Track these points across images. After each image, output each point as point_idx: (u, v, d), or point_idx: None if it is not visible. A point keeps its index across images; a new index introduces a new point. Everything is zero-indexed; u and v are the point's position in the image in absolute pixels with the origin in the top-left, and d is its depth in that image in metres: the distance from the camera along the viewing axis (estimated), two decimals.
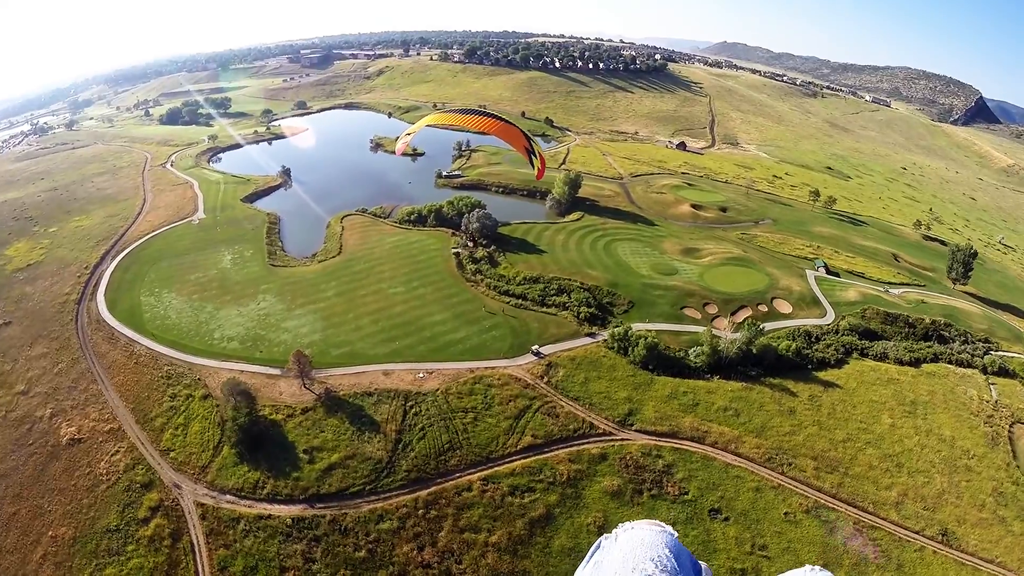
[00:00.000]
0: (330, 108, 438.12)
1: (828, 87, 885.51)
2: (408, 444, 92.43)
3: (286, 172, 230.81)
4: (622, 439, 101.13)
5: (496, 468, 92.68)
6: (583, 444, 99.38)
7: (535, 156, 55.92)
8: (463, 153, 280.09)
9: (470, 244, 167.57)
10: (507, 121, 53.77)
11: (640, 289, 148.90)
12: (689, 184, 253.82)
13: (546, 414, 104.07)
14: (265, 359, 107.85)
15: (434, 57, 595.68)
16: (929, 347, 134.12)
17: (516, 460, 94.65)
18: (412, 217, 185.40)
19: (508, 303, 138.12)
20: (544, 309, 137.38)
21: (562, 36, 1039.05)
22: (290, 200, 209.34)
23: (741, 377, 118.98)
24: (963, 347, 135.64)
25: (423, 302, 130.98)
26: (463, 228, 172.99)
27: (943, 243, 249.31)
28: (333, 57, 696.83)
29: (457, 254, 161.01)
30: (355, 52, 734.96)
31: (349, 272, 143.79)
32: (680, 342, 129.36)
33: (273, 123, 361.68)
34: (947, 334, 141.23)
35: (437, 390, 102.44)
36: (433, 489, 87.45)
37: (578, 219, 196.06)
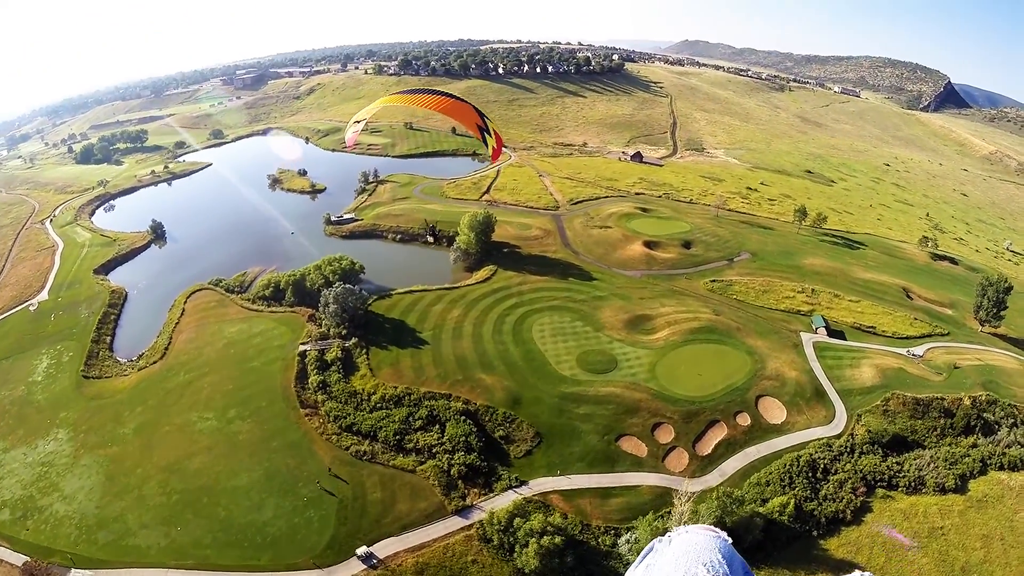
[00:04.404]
0: (247, 136, 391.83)
1: (795, 80, 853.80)
2: None
3: (157, 228, 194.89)
4: None
5: None
6: None
7: (488, 134, 55.39)
8: (367, 186, 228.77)
9: (327, 335, 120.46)
10: (457, 98, 56.51)
11: (555, 407, 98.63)
12: (643, 210, 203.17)
13: None
14: (30, 543, 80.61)
15: (369, 71, 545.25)
16: (974, 447, 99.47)
17: None
18: (268, 292, 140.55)
19: (349, 448, 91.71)
20: (398, 460, 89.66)
21: (518, 41, 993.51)
22: (153, 266, 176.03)
23: None
24: (1012, 434, 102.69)
25: (232, 448, 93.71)
26: (321, 309, 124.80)
27: (954, 261, 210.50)
28: (268, 76, 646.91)
29: (303, 355, 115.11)
30: (291, 70, 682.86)
31: (163, 389, 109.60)
32: (608, 513, 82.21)
33: (178, 159, 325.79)
34: (991, 416, 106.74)
35: None
36: None
37: (487, 278, 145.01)
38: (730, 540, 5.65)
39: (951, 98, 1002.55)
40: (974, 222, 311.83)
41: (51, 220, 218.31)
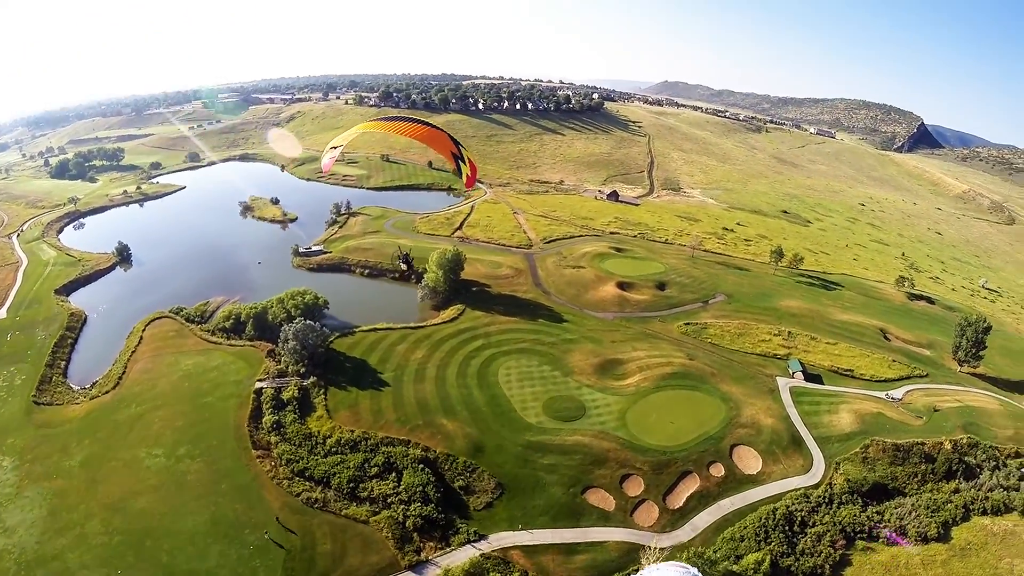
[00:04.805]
0: (224, 160, 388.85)
1: (771, 121, 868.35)
2: None
3: (123, 250, 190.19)
4: None
5: None
6: None
7: (463, 161, 56.68)
8: (339, 218, 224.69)
9: (286, 372, 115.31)
10: (433, 126, 57.80)
11: (519, 456, 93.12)
12: (618, 250, 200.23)
13: None
14: None
15: (349, 101, 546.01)
16: (956, 492, 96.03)
17: None
18: (229, 324, 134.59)
19: (300, 495, 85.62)
20: (351, 509, 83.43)
21: (500, 78, 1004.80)
22: (115, 289, 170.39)
23: None
24: (994, 477, 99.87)
25: (179, 488, 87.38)
26: (280, 345, 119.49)
27: (931, 301, 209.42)
28: (250, 101, 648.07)
29: (259, 392, 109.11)
30: (272, 97, 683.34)
31: (113, 421, 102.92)
32: (572, 571, 76.41)
33: (152, 180, 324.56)
34: (973, 459, 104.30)
35: None
36: None
37: (454, 318, 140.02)
38: None
39: (924, 139, 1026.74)
40: (949, 260, 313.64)
41: (18, 235, 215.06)
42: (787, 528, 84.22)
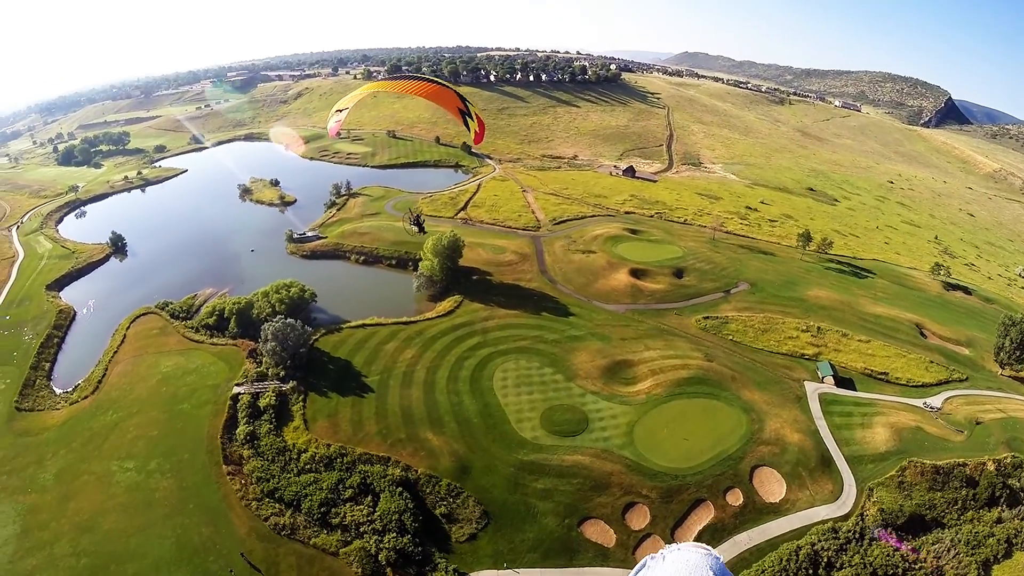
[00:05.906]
0: (229, 141, 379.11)
1: (795, 93, 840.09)
2: None
3: (117, 241, 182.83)
4: None
5: None
6: None
7: (471, 118, 55.35)
8: (338, 200, 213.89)
9: (265, 375, 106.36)
10: (440, 84, 57.49)
11: (510, 478, 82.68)
12: (632, 232, 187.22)
13: None
14: None
15: (358, 76, 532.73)
16: (998, 522, 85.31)
17: None
18: (212, 320, 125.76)
19: (268, 519, 77.81)
20: (320, 538, 75.15)
21: (516, 50, 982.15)
22: (107, 282, 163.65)
23: None
24: None
25: (147, 506, 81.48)
26: (261, 345, 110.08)
27: (967, 291, 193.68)
28: (258, 79, 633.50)
29: (236, 398, 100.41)
30: (281, 74, 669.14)
31: (89, 429, 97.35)
32: None
33: (156, 164, 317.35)
34: (1017, 483, 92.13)
35: None
36: None
37: (450, 311, 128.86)
38: (722, 558, 5.47)
39: (952, 114, 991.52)
40: (984, 245, 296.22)
41: (18, 227, 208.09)
42: (811, 571, 73.99)
